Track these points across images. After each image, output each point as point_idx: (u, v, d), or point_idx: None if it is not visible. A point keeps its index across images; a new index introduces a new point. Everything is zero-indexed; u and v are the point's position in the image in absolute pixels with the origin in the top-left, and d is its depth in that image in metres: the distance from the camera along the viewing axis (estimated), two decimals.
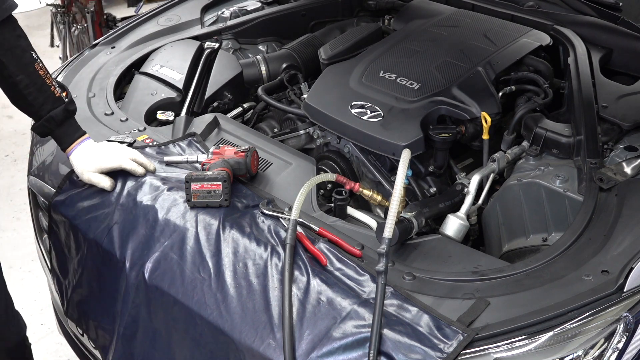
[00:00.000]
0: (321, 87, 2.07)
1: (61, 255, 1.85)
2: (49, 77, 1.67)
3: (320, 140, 2.09)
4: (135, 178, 1.74)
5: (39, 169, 1.94)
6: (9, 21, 1.59)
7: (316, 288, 1.42)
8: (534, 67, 2.13)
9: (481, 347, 1.28)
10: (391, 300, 1.37)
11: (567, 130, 1.81)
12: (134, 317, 1.60)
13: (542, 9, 2.37)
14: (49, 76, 1.67)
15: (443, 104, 1.90)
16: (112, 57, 2.34)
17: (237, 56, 2.43)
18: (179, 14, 2.58)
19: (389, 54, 2.16)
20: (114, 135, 1.90)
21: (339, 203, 1.70)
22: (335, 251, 1.50)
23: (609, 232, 1.48)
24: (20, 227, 3.47)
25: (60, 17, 4.75)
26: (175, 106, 2.12)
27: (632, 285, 1.35)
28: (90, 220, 1.71)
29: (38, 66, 1.64)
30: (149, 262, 1.57)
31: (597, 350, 1.33)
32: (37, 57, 1.65)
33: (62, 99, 1.69)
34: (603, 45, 2.18)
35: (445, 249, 1.56)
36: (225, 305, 1.46)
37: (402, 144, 1.77)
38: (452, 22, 2.36)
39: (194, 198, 1.61)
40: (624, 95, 1.92)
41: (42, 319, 2.92)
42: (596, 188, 1.60)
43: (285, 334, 1.35)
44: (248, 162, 1.70)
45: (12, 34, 1.59)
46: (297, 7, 2.68)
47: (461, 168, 1.99)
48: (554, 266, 1.42)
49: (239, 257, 1.51)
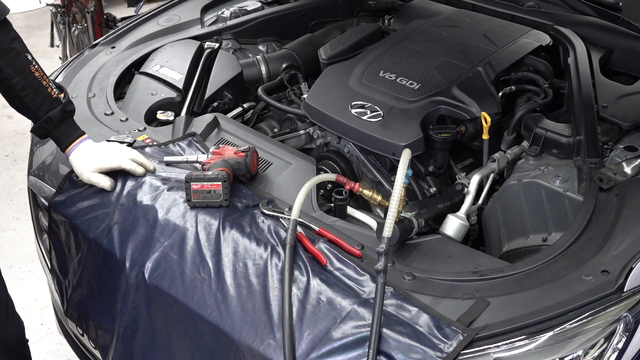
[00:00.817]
0: (321, 87, 2.07)
1: (61, 255, 1.85)
2: (45, 78, 1.68)
3: (320, 140, 2.09)
4: (135, 178, 1.74)
5: (39, 169, 1.94)
6: (3, 25, 1.60)
7: (316, 288, 1.42)
8: (534, 67, 2.13)
9: (481, 347, 1.28)
10: (391, 300, 1.37)
11: (567, 130, 1.81)
12: (134, 317, 1.60)
13: (542, 9, 2.37)
14: (45, 77, 1.68)
15: (443, 104, 1.90)
16: (112, 57, 2.34)
17: (237, 56, 2.43)
18: (179, 14, 2.58)
19: (389, 54, 2.16)
20: (113, 135, 1.90)
21: (339, 203, 1.70)
22: (335, 251, 1.50)
23: (609, 232, 1.48)
24: (20, 227, 3.47)
25: (60, 17, 4.75)
26: (175, 106, 2.12)
27: (632, 285, 1.35)
28: (90, 220, 1.71)
29: (34, 68, 1.65)
30: (149, 262, 1.57)
31: (597, 350, 1.33)
32: (32, 59, 1.66)
33: (59, 99, 1.70)
34: (603, 45, 2.18)
35: (445, 249, 1.56)
36: (225, 305, 1.46)
37: (402, 144, 1.77)
38: (452, 22, 2.36)
39: (194, 198, 1.62)
40: (624, 95, 1.92)
41: (42, 319, 2.92)
42: (596, 188, 1.60)
43: (285, 334, 1.35)
44: (248, 162, 1.70)
45: (6, 37, 1.61)
46: (297, 7, 2.69)
47: (461, 168, 1.99)
48: (554, 266, 1.42)
49: (239, 257, 1.51)
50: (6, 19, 1.61)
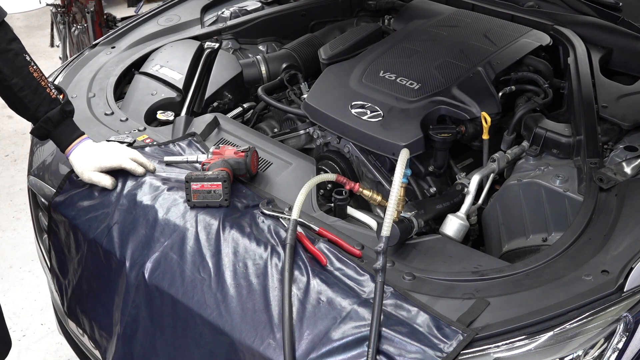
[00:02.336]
0: (321, 87, 2.07)
1: (61, 255, 1.85)
2: (44, 79, 1.68)
3: (320, 140, 2.09)
4: (135, 178, 1.73)
5: (39, 169, 1.94)
6: (1, 27, 1.60)
7: (316, 288, 1.42)
8: (534, 67, 2.13)
9: (481, 347, 1.28)
10: (391, 299, 1.37)
11: (567, 130, 1.81)
12: (134, 317, 1.60)
13: (542, 9, 2.37)
14: (43, 78, 1.68)
15: (443, 104, 1.90)
16: (112, 57, 2.34)
17: (237, 56, 2.43)
18: (179, 14, 2.58)
19: (389, 54, 2.16)
20: (113, 135, 1.90)
21: (339, 203, 1.70)
22: (335, 251, 1.50)
23: (609, 232, 1.47)
24: (20, 227, 3.47)
25: (60, 17, 4.75)
26: (175, 106, 2.12)
27: (632, 285, 1.35)
28: (90, 220, 1.71)
29: (32, 69, 1.65)
30: (149, 262, 1.57)
31: (597, 350, 1.33)
32: (30, 59, 1.66)
33: (58, 100, 1.70)
34: (603, 45, 2.18)
35: (445, 248, 1.56)
36: (225, 305, 1.46)
37: (402, 144, 1.77)
38: (452, 22, 2.36)
39: (194, 198, 1.61)
40: (624, 95, 1.92)
41: (42, 319, 2.92)
42: (596, 188, 1.60)
43: (285, 334, 1.35)
44: (248, 162, 1.70)
45: (4, 38, 1.61)
46: (297, 7, 2.69)
47: (461, 168, 1.99)
48: (554, 266, 1.42)
49: (239, 257, 1.51)
50: (4, 21, 1.61)
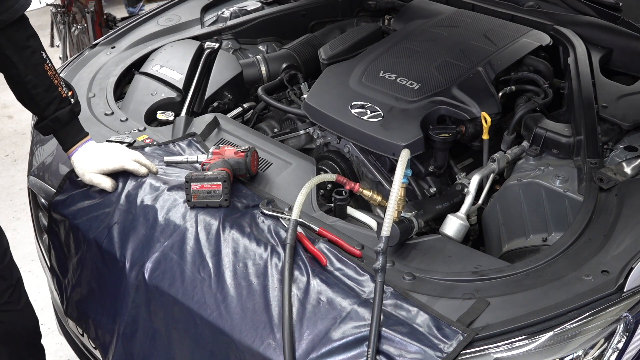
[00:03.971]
0: (321, 87, 2.07)
1: (61, 255, 1.85)
2: (57, 77, 1.67)
3: (320, 140, 2.09)
4: (136, 178, 1.73)
5: (39, 169, 1.94)
6: (21, 21, 1.58)
7: (316, 288, 1.42)
8: (534, 67, 2.13)
9: (481, 347, 1.28)
10: (391, 300, 1.37)
11: (567, 130, 1.81)
12: (134, 317, 1.60)
13: (542, 9, 2.37)
14: (57, 76, 1.67)
15: (443, 104, 1.90)
16: (112, 57, 2.34)
17: (237, 56, 2.43)
18: (179, 14, 2.58)
19: (389, 54, 2.16)
20: (113, 135, 1.90)
21: (339, 203, 1.70)
22: (335, 251, 1.50)
23: (609, 232, 1.47)
24: (20, 227, 3.47)
25: (60, 17, 4.76)
26: (175, 106, 2.12)
27: (632, 285, 1.35)
28: (90, 220, 1.71)
29: (47, 67, 1.64)
30: (149, 262, 1.57)
31: (597, 350, 1.33)
32: (46, 57, 1.65)
33: (68, 99, 1.70)
34: (603, 45, 2.18)
35: (445, 249, 1.56)
36: (225, 306, 1.46)
37: (402, 144, 1.77)
38: (452, 22, 2.36)
39: (194, 198, 1.61)
40: (624, 95, 1.92)
41: (42, 318, 2.89)
42: (596, 188, 1.60)
43: (285, 334, 1.35)
44: (248, 162, 1.70)
45: (24, 34, 1.60)
46: (297, 7, 2.68)
47: (461, 168, 1.99)
48: (554, 266, 1.42)
49: (239, 257, 1.51)
50: (24, 15, 1.59)
